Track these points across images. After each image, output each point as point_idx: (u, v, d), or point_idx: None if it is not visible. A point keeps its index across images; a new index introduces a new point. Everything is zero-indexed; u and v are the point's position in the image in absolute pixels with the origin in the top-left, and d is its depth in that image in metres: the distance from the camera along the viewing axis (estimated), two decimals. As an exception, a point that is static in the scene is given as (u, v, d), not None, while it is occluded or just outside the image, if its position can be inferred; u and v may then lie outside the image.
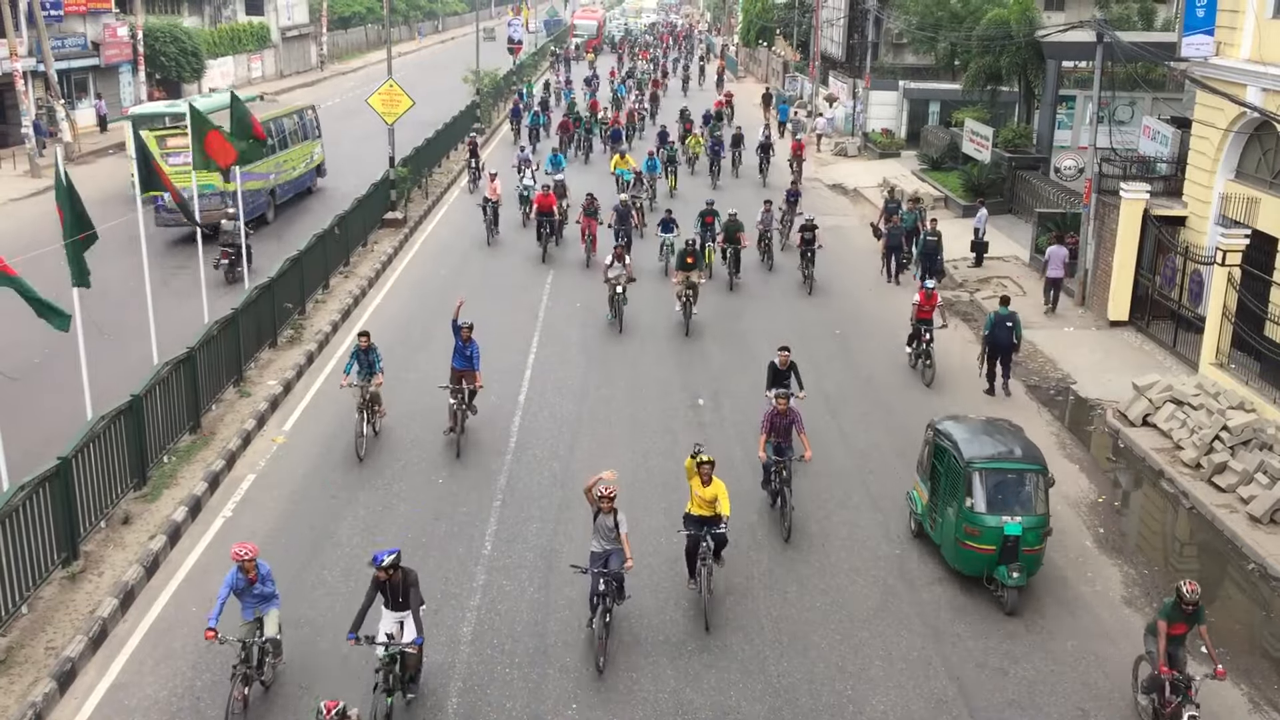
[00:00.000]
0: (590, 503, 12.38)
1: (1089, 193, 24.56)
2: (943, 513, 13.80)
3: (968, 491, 13.25)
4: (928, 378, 20.10)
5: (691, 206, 29.58)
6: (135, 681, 11.55)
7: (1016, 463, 13.47)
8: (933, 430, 14.42)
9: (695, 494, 12.95)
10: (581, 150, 42.13)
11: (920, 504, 14.52)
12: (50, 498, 12.66)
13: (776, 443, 14.80)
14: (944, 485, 13.79)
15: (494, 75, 54.23)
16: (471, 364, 16.86)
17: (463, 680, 11.70)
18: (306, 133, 34.92)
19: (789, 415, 14.76)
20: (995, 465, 13.38)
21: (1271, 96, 19.98)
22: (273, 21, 68.11)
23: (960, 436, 13.87)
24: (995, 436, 14.03)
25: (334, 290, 24.96)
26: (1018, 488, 13.38)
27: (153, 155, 18.88)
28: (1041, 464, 13.54)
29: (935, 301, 20.31)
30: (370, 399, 16.77)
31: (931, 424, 14.60)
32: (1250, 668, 12.34)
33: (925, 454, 14.58)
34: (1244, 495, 15.66)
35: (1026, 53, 32.62)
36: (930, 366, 20.16)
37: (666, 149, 37.29)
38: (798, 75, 61.18)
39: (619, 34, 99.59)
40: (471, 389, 16.82)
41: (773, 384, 16.59)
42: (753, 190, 35.95)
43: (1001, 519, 13.05)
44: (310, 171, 34.99)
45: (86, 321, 16.06)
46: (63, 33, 45.29)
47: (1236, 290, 19.07)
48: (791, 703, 11.49)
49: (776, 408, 14.75)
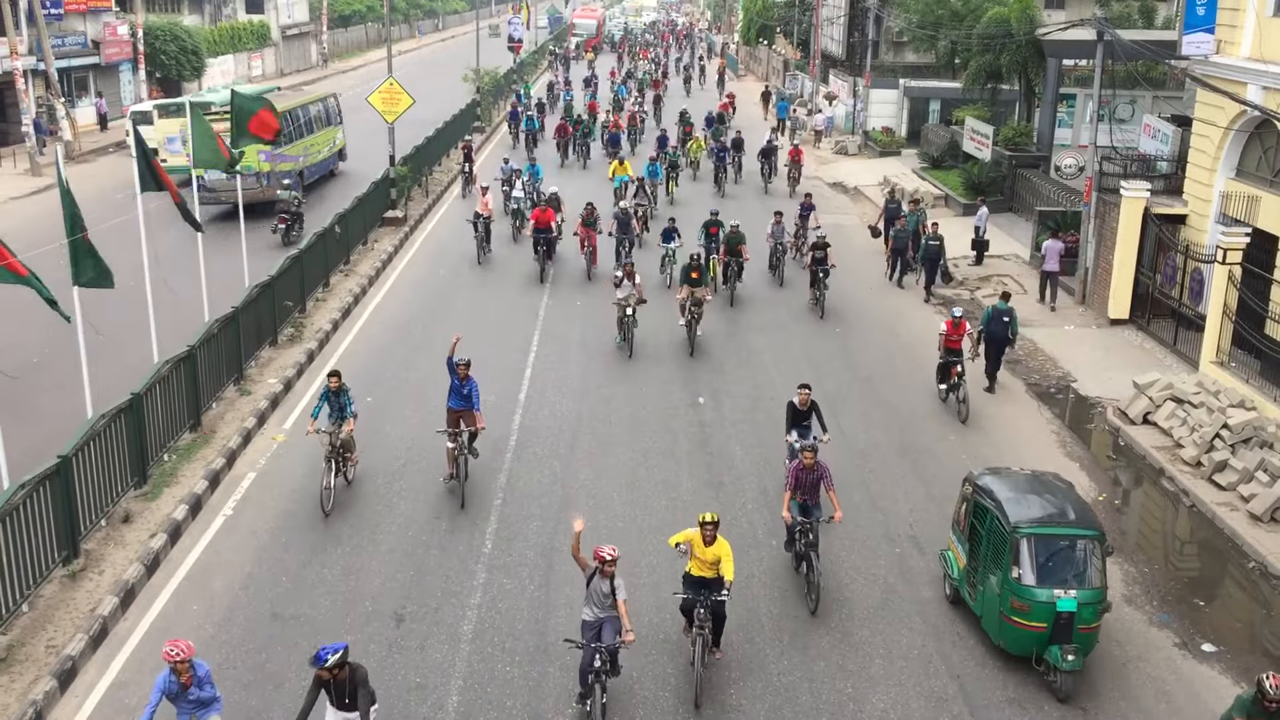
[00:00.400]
0: (581, 566, 11.08)
1: (1089, 191, 24.56)
2: (984, 581, 12.30)
3: (1014, 560, 11.75)
4: (962, 414, 18.48)
5: (694, 213, 28.81)
6: (135, 680, 11.54)
7: (1070, 528, 11.94)
8: (971, 486, 12.91)
9: (696, 555, 11.70)
10: (580, 155, 40.52)
11: (956, 567, 13.03)
12: (51, 496, 12.66)
13: (802, 501, 13.25)
14: (986, 550, 12.29)
15: (494, 74, 54.15)
16: (470, 403, 15.47)
17: (463, 678, 11.70)
18: (330, 119, 37.22)
19: (817, 470, 13.15)
20: (1046, 531, 11.86)
21: (1272, 95, 19.97)
22: (273, 20, 68.11)
23: (1004, 495, 12.32)
24: (1044, 496, 12.44)
25: (334, 288, 24.97)
26: (1072, 557, 11.88)
27: (152, 154, 18.96)
28: (1098, 529, 12.08)
29: (964, 330, 19.03)
30: (341, 446, 15.03)
31: (969, 478, 13.11)
32: (1251, 666, 12.33)
33: (962, 511, 13.07)
34: (1244, 493, 15.66)
35: (1027, 51, 32.61)
36: (964, 402, 18.53)
37: (667, 154, 35.75)
38: (798, 74, 61.16)
39: (619, 33, 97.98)
40: (471, 431, 15.35)
41: (792, 426, 15.33)
42: (757, 198, 35.06)
43: (1054, 593, 11.54)
44: (334, 155, 37.48)
45: (86, 320, 16.05)
46: (63, 31, 45.32)
47: (1237, 288, 19.07)
48: (792, 701, 11.50)
49: (803, 462, 13.14)
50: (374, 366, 20.54)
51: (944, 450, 17.44)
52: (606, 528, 14.72)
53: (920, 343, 22.30)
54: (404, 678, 11.68)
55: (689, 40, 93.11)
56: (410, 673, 11.77)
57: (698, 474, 16.46)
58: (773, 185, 36.57)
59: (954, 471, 16.64)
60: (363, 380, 19.81)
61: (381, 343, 21.94)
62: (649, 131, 44.30)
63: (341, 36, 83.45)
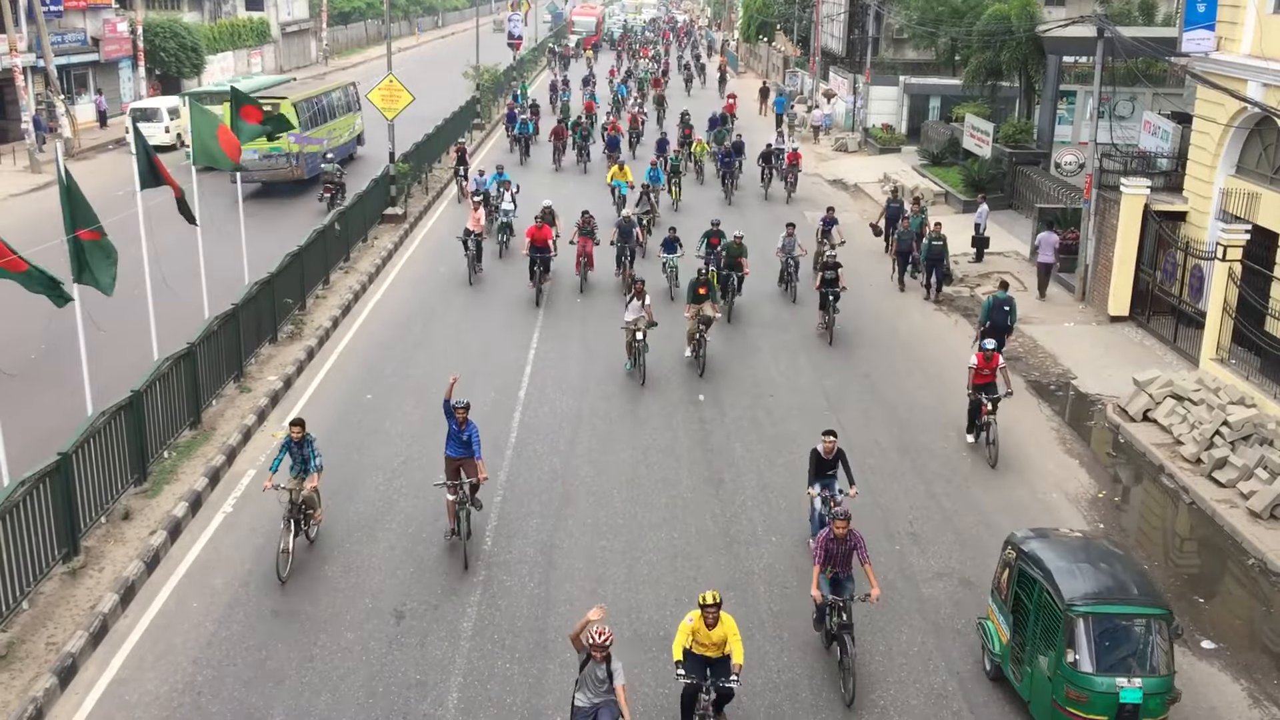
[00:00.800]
0: (577, 649, 9.99)
1: (1089, 188, 24.56)
2: (1032, 661, 10.93)
3: (1069, 642, 10.37)
4: (991, 456, 16.82)
5: (698, 221, 27.54)
6: (135, 677, 11.56)
7: (1133, 605, 10.54)
8: (1015, 550, 11.55)
9: (698, 640, 10.41)
10: (579, 159, 38.89)
11: (998, 641, 11.64)
12: (51, 493, 12.66)
13: (834, 574, 11.84)
14: (1034, 627, 10.95)
15: (494, 71, 54.06)
16: (470, 450, 13.87)
17: (463, 675, 11.71)
18: (350, 105, 40.01)
19: (849, 540, 11.73)
20: (1106, 609, 10.46)
21: (1272, 91, 19.95)
22: (272, 17, 68.10)
23: (1055, 565, 10.92)
24: (1100, 565, 11.04)
25: (334, 285, 24.96)
26: (1136, 639, 10.52)
27: (153, 151, 18.95)
28: (1165, 606, 10.68)
29: (996, 364, 17.16)
30: (303, 503, 13.41)
31: (1012, 541, 11.76)
32: (1250, 663, 12.35)
33: (1004, 578, 11.71)
34: (1244, 490, 15.66)
35: (1027, 48, 32.59)
36: (993, 443, 16.81)
37: (669, 158, 34.02)
38: (798, 71, 61.14)
39: (618, 31, 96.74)
40: (473, 482, 13.77)
41: (817, 477, 13.94)
42: (763, 207, 33.65)
43: (1116, 682, 10.20)
44: (354, 139, 40.02)
45: (86, 317, 16.05)
46: (62, 28, 45.31)
47: (1237, 285, 19.06)
48: (792, 698, 11.50)
49: (834, 532, 11.72)
50: (374, 363, 20.55)
51: (943, 448, 17.44)
52: (607, 524, 14.78)
53: (921, 342, 22.33)
54: (404, 674, 11.69)
55: (689, 37, 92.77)
56: (410, 669, 11.78)
57: (697, 471, 16.49)
58: (771, 190, 35.30)
59: (955, 471, 16.70)
60: (363, 377, 19.87)
61: (382, 339, 21.94)
62: (650, 134, 42.48)
63: (341, 33, 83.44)
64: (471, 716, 11.13)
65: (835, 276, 22.03)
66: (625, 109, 48.28)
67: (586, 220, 25.13)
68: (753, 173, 36.16)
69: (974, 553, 14.30)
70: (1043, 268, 25.10)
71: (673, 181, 33.02)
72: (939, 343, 22.40)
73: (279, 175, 33.74)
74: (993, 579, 12.16)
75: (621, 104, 50.59)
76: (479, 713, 11.18)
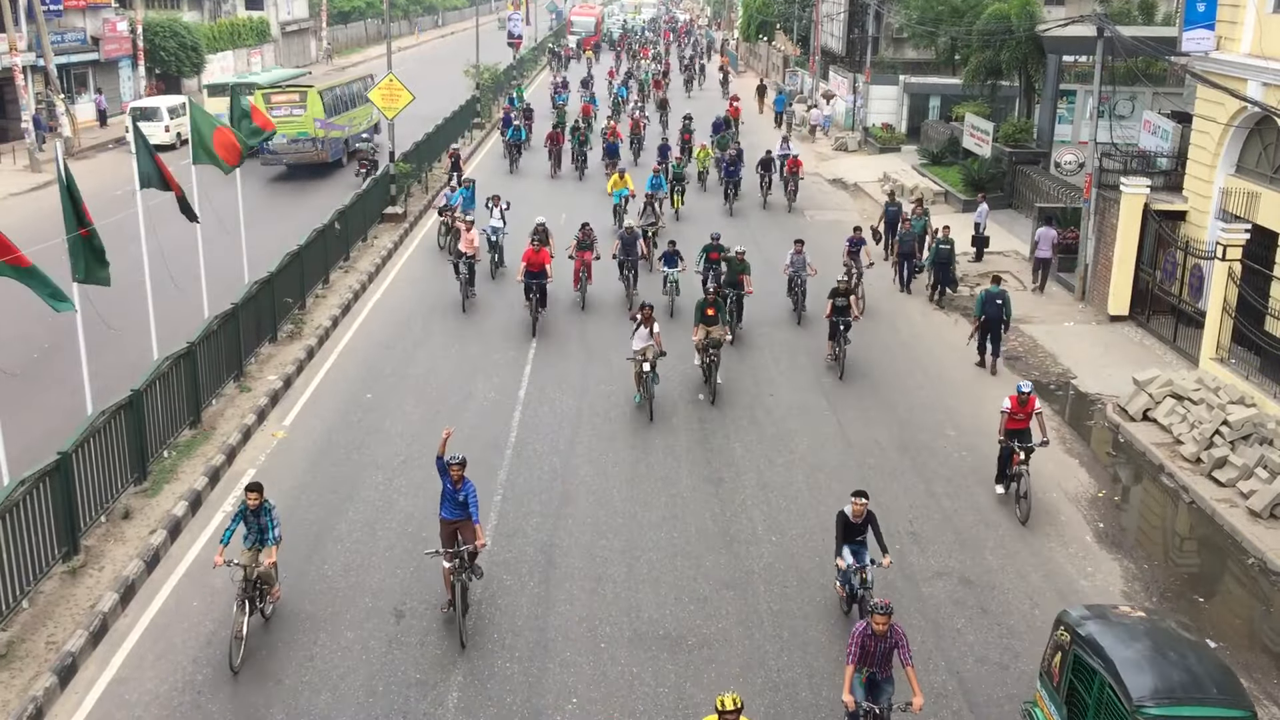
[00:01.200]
0: None
1: (1089, 187, 24.56)
2: None
3: None
4: (1022, 513, 15.13)
5: (700, 233, 26.05)
6: (135, 676, 11.57)
7: (1213, 707, 8.93)
8: (1069, 633, 9.95)
9: None
10: (577, 166, 37.12)
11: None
12: (51, 492, 12.67)
13: (870, 675, 10.37)
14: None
15: (494, 70, 54.01)
16: (467, 512, 12.44)
17: (463, 674, 11.71)
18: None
19: (890, 637, 10.19)
20: (1180, 713, 8.83)
21: (1272, 91, 19.96)
22: (272, 16, 68.10)
23: (1118, 655, 9.34)
24: (1170, 656, 9.41)
25: (334, 285, 24.97)
26: None
27: (155, 150, 18.99)
28: (1249, 708, 9.05)
29: (1032, 407, 15.38)
30: (258, 580, 11.98)
31: (1066, 622, 10.12)
32: (1250, 663, 12.35)
33: (1055, 662, 10.18)
34: (1244, 490, 15.66)
35: (1027, 47, 32.59)
36: (1025, 498, 15.12)
37: (671, 165, 32.47)
38: (798, 70, 61.12)
39: (618, 31, 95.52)
40: (471, 549, 12.34)
41: (845, 542, 12.47)
42: (760, 216, 32.49)
43: None
44: (371, 128, 41.42)
45: (87, 316, 16.06)
46: (62, 27, 45.32)
47: (1237, 285, 19.07)
48: (792, 697, 11.51)
49: (872, 627, 10.16)
50: (374, 362, 20.56)
51: (943, 448, 17.44)
52: (607, 524, 14.78)
53: (921, 341, 22.31)
54: (404, 674, 11.69)
55: (689, 37, 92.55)
56: (410, 669, 11.78)
57: (697, 470, 16.48)
58: (771, 198, 33.86)
59: (955, 471, 16.69)
60: (363, 376, 19.88)
61: (382, 338, 21.95)
62: (651, 138, 40.20)
63: (341, 33, 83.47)
64: (471, 716, 11.13)
65: (847, 304, 20.16)
66: (625, 112, 46.66)
67: (586, 234, 23.66)
68: (751, 180, 34.34)
69: (974, 552, 14.31)
70: (1040, 263, 25.17)
71: (675, 189, 31.65)
72: (939, 342, 22.42)
73: (304, 158, 36.86)
74: (1041, 661, 10.68)
75: (621, 106, 49.08)
76: (479, 712, 11.18)
